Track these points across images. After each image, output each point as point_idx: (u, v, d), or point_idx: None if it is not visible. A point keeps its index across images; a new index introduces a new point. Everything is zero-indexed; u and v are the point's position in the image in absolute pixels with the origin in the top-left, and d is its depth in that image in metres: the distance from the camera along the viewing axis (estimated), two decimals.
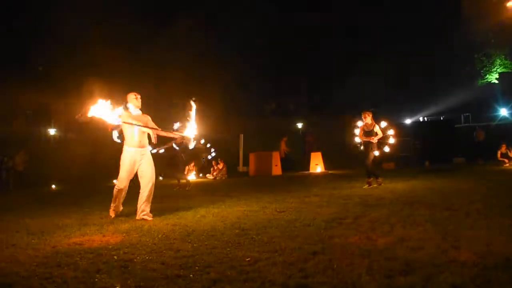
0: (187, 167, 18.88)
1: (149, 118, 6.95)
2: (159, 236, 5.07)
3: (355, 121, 10.97)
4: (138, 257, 4.01)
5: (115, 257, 4.06)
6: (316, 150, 20.37)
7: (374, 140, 10.24)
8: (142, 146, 6.74)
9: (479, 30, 25.66)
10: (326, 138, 24.06)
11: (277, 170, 19.17)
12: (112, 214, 6.94)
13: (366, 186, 10.00)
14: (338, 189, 9.92)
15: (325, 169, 19.18)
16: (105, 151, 20.11)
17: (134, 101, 6.80)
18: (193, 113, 6.98)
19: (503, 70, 29.10)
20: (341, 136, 20.89)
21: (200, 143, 18.58)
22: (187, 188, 12.64)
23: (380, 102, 28.31)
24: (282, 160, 19.93)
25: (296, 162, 21.49)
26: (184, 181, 13.59)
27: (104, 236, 5.23)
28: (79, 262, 3.92)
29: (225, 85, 24.99)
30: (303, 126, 28.01)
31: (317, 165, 19.05)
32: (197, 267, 3.59)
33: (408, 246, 3.89)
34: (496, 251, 3.56)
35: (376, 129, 10.38)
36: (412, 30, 31.65)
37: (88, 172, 19.98)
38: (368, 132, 10.36)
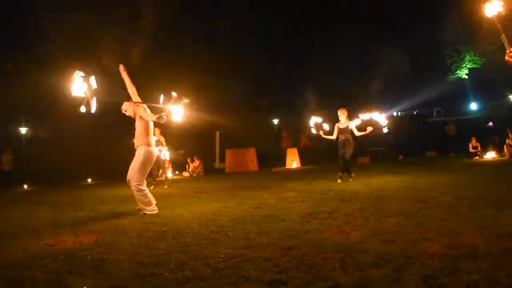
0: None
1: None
2: (134, 234, 5.01)
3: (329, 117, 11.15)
4: (111, 257, 3.96)
5: (88, 257, 4.01)
6: (292, 146, 20.48)
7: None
8: None
9: (450, 27, 26.23)
10: (301, 133, 24.22)
11: (253, 166, 19.20)
12: None
13: (339, 181, 10.13)
14: (313, 184, 10.00)
15: (301, 164, 19.30)
16: (79, 149, 19.82)
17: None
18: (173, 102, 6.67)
19: (473, 66, 29.87)
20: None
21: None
22: (165, 186, 12.53)
23: (354, 97, 28.60)
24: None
25: (271, 158, 21.57)
26: (162, 178, 13.49)
27: (77, 236, 5.15)
28: (51, 264, 3.84)
29: (199, 81, 24.77)
30: (278, 122, 28.09)
31: (293, 161, 19.15)
32: (171, 265, 3.57)
33: (380, 239, 3.96)
34: (464, 241, 3.65)
35: (351, 126, 10.59)
36: (387, 25, 32.16)
37: (62, 171, 19.61)
38: (343, 129, 10.55)
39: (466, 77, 33.86)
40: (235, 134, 23.87)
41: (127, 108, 7.02)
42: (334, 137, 10.80)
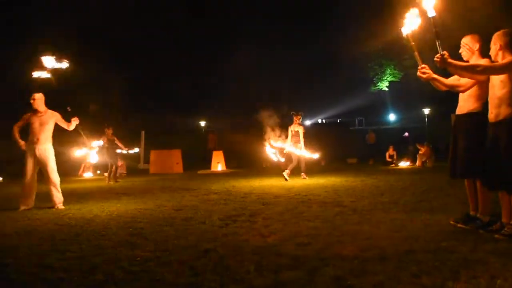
0: (83, 164, 17.96)
1: None
2: (45, 237, 4.75)
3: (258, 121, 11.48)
4: (16, 261, 3.71)
5: None
6: (218, 149, 20.48)
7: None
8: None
9: (373, 43, 27.60)
10: (229, 137, 24.31)
11: (178, 168, 18.95)
12: None
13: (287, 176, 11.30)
14: (237, 187, 10.05)
15: (226, 167, 19.34)
16: None
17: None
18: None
19: (393, 79, 31.59)
20: (244, 136, 21.23)
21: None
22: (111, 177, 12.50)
23: (282, 103, 29.23)
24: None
25: (197, 160, 21.46)
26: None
27: None
28: None
29: (124, 82, 24.13)
30: (205, 124, 27.99)
31: (218, 163, 19.14)
32: (83, 269, 3.41)
33: (297, 242, 4.05)
34: (375, 244, 3.83)
35: (301, 131, 11.87)
36: (314, 37, 33.20)
37: None
38: (296, 133, 11.86)
39: (387, 89, 35.78)
40: (161, 135, 23.49)
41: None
42: (288, 141, 12.00)
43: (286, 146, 12.07)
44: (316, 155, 12.99)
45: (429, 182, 9.79)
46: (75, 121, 7.60)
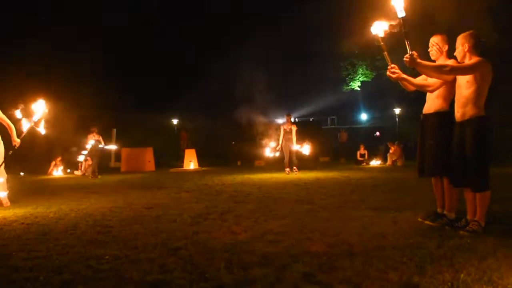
0: (53, 162, 17.57)
1: None
2: (10, 236, 4.61)
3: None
4: None
5: None
6: (191, 147, 20.37)
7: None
8: None
9: (346, 43, 27.79)
10: (202, 135, 24.22)
11: (150, 166, 18.76)
12: None
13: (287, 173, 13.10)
14: (209, 185, 10.01)
15: (199, 165, 19.25)
16: None
17: None
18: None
19: (365, 79, 31.91)
20: (217, 134, 21.20)
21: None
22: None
23: (256, 102, 29.29)
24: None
25: (170, 159, 21.29)
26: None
27: None
28: None
29: (93, 78, 23.67)
30: (178, 122, 27.75)
31: (190, 162, 19.03)
32: (49, 269, 3.33)
33: (267, 239, 4.06)
34: (344, 240, 3.88)
35: (294, 129, 13.47)
36: (288, 35, 33.37)
37: None
38: (288, 132, 13.40)
39: (359, 89, 36.16)
40: (133, 133, 23.18)
41: None
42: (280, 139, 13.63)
43: (279, 143, 13.67)
44: (306, 150, 14.41)
45: (399, 181, 9.98)
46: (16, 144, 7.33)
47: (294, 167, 13.58)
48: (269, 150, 14.52)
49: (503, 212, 5.00)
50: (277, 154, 14.12)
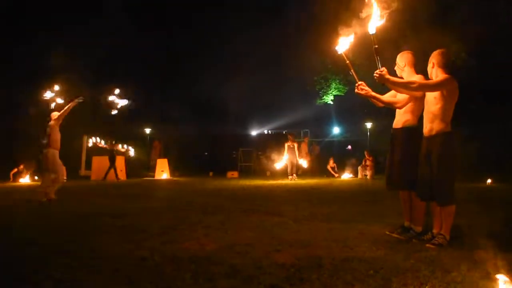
0: (15, 169, 17.07)
1: None
2: None
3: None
4: None
5: None
6: (163, 157, 20.20)
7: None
8: None
9: (319, 58, 28.13)
10: (174, 145, 24.08)
11: (121, 175, 18.45)
12: None
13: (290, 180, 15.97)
14: (180, 195, 9.91)
15: (171, 175, 19.07)
16: None
17: None
18: None
19: (337, 93, 32.29)
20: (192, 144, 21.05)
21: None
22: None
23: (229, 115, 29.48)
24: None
25: (142, 168, 21.04)
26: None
27: None
28: None
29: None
30: (150, 131, 27.44)
31: (162, 172, 18.84)
32: (10, 279, 3.23)
33: (236, 250, 4.02)
34: (312, 253, 3.88)
35: (295, 146, 16.75)
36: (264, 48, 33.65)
37: None
38: (291, 149, 16.66)
39: (332, 103, 36.59)
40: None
41: None
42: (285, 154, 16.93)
43: (284, 158, 17.00)
44: (305, 163, 18.39)
45: (368, 194, 10.10)
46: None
47: (294, 175, 16.74)
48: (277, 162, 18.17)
49: (468, 225, 5.11)
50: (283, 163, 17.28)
